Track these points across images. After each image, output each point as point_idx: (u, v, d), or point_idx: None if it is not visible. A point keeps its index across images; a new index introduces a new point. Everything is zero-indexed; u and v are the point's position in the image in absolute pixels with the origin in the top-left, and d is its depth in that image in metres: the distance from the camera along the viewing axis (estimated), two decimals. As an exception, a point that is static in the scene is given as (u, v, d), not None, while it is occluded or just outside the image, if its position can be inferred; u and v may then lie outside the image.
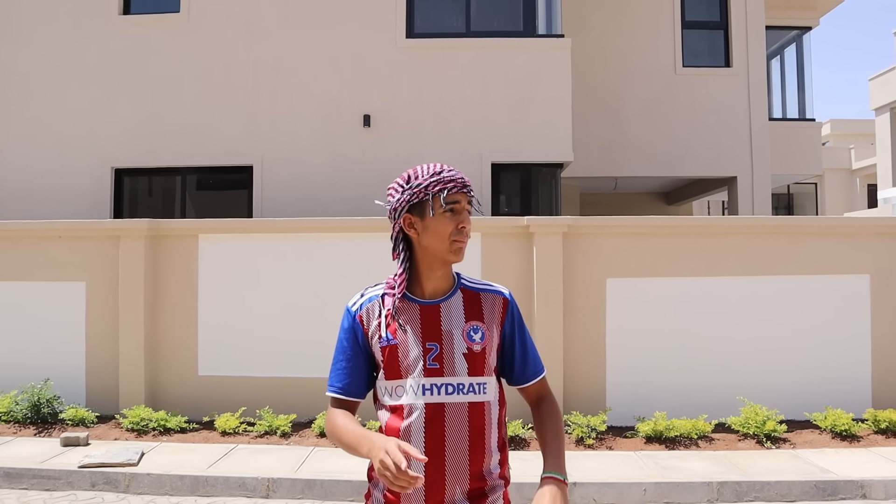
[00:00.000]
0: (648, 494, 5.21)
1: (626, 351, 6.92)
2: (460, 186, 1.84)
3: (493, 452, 1.86)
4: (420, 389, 1.81)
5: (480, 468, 1.83)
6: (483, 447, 1.83)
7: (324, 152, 9.55)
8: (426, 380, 1.81)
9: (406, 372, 1.83)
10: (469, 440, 1.81)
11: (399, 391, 1.83)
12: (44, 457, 5.79)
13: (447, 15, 9.94)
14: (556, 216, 8.52)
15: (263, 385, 6.98)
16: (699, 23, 11.61)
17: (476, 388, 1.83)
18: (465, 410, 1.81)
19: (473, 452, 1.81)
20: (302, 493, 5.29)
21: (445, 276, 1.90)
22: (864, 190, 27.27)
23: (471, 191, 1.88)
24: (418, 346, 1.83)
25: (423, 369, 1.82)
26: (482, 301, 1.92)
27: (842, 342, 7.00)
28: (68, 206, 9.48)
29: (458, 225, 1.83)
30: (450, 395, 1.81)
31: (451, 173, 1.84)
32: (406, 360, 1.83)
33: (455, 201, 1.83)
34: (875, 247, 7.09)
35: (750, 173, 11.36)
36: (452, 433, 1.80)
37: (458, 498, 1.80)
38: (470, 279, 1.98)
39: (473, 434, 1.82)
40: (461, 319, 1.87)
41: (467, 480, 1.80)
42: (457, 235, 1.83)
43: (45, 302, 7.24)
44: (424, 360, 1.82)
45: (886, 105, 17.70)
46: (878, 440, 6.23)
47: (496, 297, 1.94)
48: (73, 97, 9.75)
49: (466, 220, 1.85)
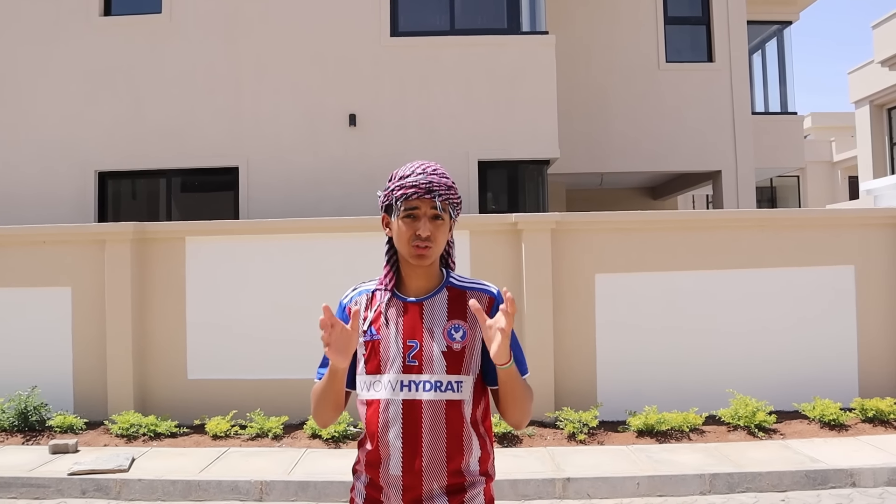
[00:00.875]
0: (642, 488, 5.24)
1: (617, 346, 6.95)
2: (421, 193, 1.83)
3: (472, 450, 1.87)
4: (398, 385, 1.83)
5: (459, 465, 1.84)
6: (461, 445, 1.84)
7: (309, 152, 9.51)
8: (404, 376, 1.83)
9: (385, 367, 1.85)
10: (446, 437, 1.82)
11: (377, 386, 1.85)
12: (32, 465, 5.72)
13: (431, 13, 9.92)
14: (544, 213, 8.53)
15: (254, 387, 6.94)
16: (681, 18, 11.67)
17: (454, 386, 1.84)
18: (443, 408, 1.82)
19: (451, 449, 1.82)
20: (295, 495, 5.27)
21: (428, 275, 1.92)
22: (846, 182, 27.54)
23: (439, 196, 1.84)
24: (399, 343, 1.85)
25: (401, 366, 1.84)
26: (467, 300, 1.91)
27: (828, 332, 7.07)
28: (51, 211, 9.38)
29: (415, 231, 1.83)
30: (427, 393, 1.82)
31: (416, 178, 1.84)
32: (386, 356, 1.85)
33: (414, 207, 1.84)
34: (859, 238, 7.16)
35: (734, 167, 11.44)
36: (429, 430, 1.81)
37: (437, 492, 1.81)
38: (460, 278, 1.97)
39: (451, 431, 1.83)
40: (443, 318, 1.88)
41: (445, 476, 1.82)
42: (415, 241, 1.84)
43: (31, 308, 7.16)
44: (404, 356, 1.84)
45: (866, 98, 17.87)
46: (866, 428, 6.30)
47: (482, 295, 1.93)
48: (55, 100, 9.64)
49: (423, 228, 1.83)
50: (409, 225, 1.84)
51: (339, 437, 6.22)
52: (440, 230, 1.86)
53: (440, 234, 1.87)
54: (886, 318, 7.14)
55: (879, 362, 7.10)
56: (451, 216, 1.90)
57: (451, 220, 1.92)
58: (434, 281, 1.93)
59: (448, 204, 1.87)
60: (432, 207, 1.84)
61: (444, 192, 1.86)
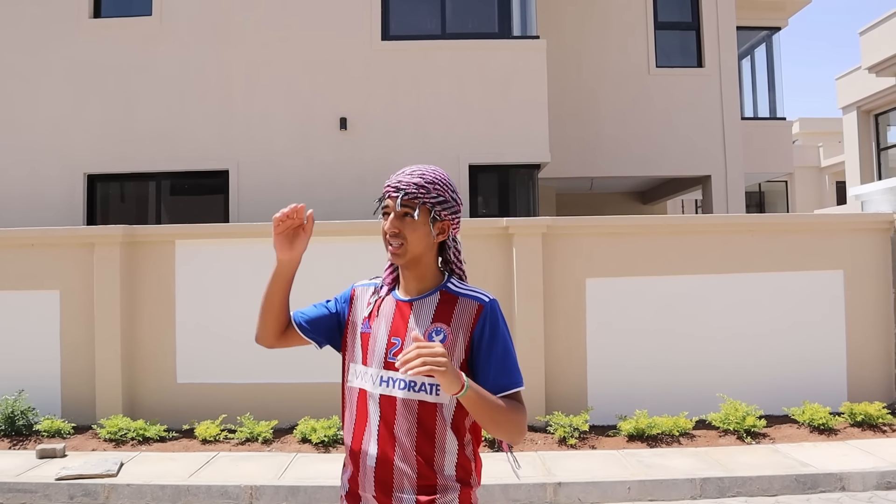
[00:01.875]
0: (633, 492, 5.25)
1: (607, 350, 6.96)
2: (391, 191, 1.91)
3: (447, 453, 1.88)
4: (378, 380, 1.91)
5: (431, 465, 1.86)
6: (433, 446, 1.87)
7: (300, 156, 9.48)
8: (384, 372, 1.90)
9: (370, 360, 1.94)
10: (417, 436, 1.86)
11: (365, 377, 1.94)
12: (19, 470, 5.66)
13: (423, 17, 9.93)
14: (535, 217, 8.55)
15: (243, 392, 6.90)
16: (671, 23, 11.73)
17: (428, 388, 1.86)
18: (415, 408, 1.86)
19: (422, 449, 1.86)
20: (285, 500, 5.24)
21: (421, 277, 1.96)
22: (833, 187, 27.75)
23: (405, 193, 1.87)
24: (385, 339, 1.93)
25: (383, 361, 1.91)
26: (456, 305, 1.92)
27: (818, 337, 7.11)
28: (40, 213, 9.30)
29: (384, 227, 1.93)
30: (402, 391, 1.87)
31: (393, 178, 1.92)
32: (372, 350, 1.94)
33: (386, 205, 1.93)
34: (848, 243, 7.21)
35: (724, 172, 11.50)
36: (402, 426, 1.87)
37: (406, 489, 1.85)
38: (458, 284, 1.98)
39: (422, 432, 1.86)
40: (428, 320, 1.91)
41: (415, 474, 1.85)
42: (385, 237, 1.92)
43: (18, 311, 7.09)
44: (386, 353, 1.91)
45: (853, 104, 18.02)
46: (855, 433, 6.33)
47: (472, 302, 1.92)
48: (44, 102, 9.58)
49: (389, 224, 1.91)
50: (384, 222, 1.93)
51: (328, 442, 6.19)
52: (409, 228, 1.89)
53: (409, 232, 1.90)
54: (875, 323, 7.18)
55: (868, 367, 7.14)
56: (432, 215, 1.90)
57: (434, 220, 1.91)
58: (428, 283, 1.97)
59: (415, 201, 1.88)
60: (402, 205, 1.90)
61: (413, 190, 1.88)
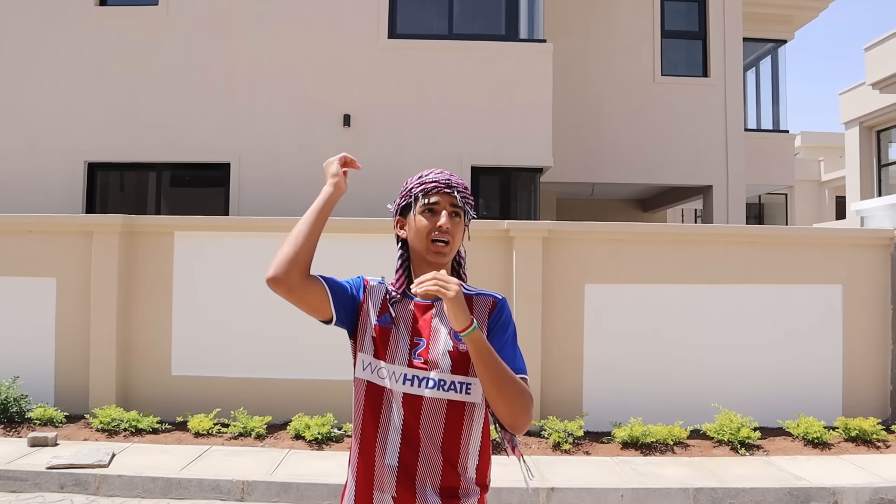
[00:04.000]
0: (626, 500, 5.23)
1: (604, 356, 6.94)
2: (442, 187, 1.90)
3: (469, 454, 1.86)
4: (402, 378, 1.86)
5: (455, 467, 1.84)
6: (458, 446, 1.84)
7: (302, 151, 9.45)
8: (409, 370, 1.85)
9: (391, 357, 1.88)
10: (444, 436, 1.83)
11: (382, 373, 1.88)
12: (10, 457, 5.63)
13: (430, 17, 9.91)
14: (536, 221, 8.52)
15: (238, 386, 6.87)
16: (678, 32, 11.73)
17: (458, 386, 1.85)
18: (444, 407, 1.83)
19: (448, 450, 1.83)
20: (277, 496, 5.21)
21: None
22: (833, 202, 27.78)
23: (457, 192, 1.91)
24: (407, 338, 1.89)
25: (407, 360, 1.87)
26: (474, 304, 1.94)
27: (814, 351, 7.10)
28: (39, 200, 9.27)
29: (435, 224, 1.87)
30: (430, 390, 1.84)
31: (437, 176, 1.92)
32: (394, 348, 1.88)
33: (434, 202, 1.89)
34: (848, 258, 7.21)
35: (725, 182, 11.50)
36: (428, 426, 1.82)
37: (429, 491, 1.81)
38: (468, 287, 2.00)
39: (449, 431, 1.83)
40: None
41: (439, 476, 1.82)
42: (435, 234, 1.87)
43: (14, 298, 7.06)
44: (410, 352, 1.87)
45: (856, 119, 18.03)
46: (849, 448, 6.32)
47: (487, 299, 1.96)
48: (47, 88, 9.54)
49: (446, 220, 1.88)
50: (429, 218, 1.89)
51: (322, 439, 6.17)
52: (457, 228, 1.91)
53: (457, 232, 1.91)
54: (872, 339, 7.18)
55: (864, 382, 7.13)
56: (467, 217, 1.95)
57: (466, 223, 1.96)
58: None
59: (465, 202, 1.93)
60: (451, 204, 1.90)
61: (462, 190, 1.94)
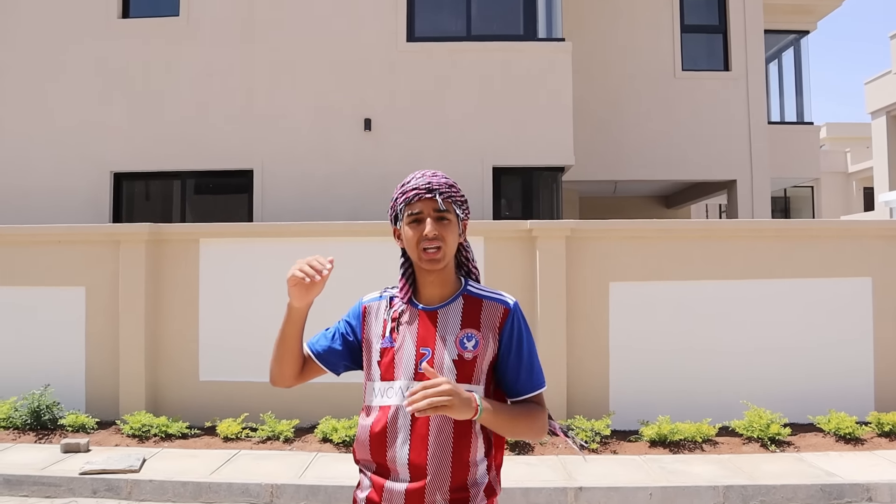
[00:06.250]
0: (654, 499, 5.19)
1: (630, 355, 6.90)
2: (422, 193, 1.84)
3: (479, 462, 1.85)
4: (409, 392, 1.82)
5: (464, 475, 1.82)
6: (467, 455, 1.82)
7: (323, 156, 9.52)
8: (415, 383, 1.80)
9: (398, 374, 1.85)
10: (453, 447, 1.81)
11: (390, 392, 1.85)
12: (44, 463, 5.74)
13: (447, 19, 9.93)
14: (559, 220, 8.50)
15: (265, 390, 6.92)
16: (698, 26, 11.63)
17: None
18: (451, 417, 1.78)
19: (456, 459, 1.81)
20: (306, 499, 5.25)
21: (442, 283, 1.91)
22: (860, 193, 27.33)
23: (439, 194, 1.84)
24: (413, 350, 1.85)
25: (413, 372, 1.83)
26: (482, 309, 1.90)
27: (844, 345, 6.99)
28: (66, 210, 9.43)
29: (422, 233, 1.83)
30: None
31: (417, 181, 1.86)
32: (400, 363, 1.85)
33: (418, 211, 1.85)
34: (877, 250, 7.09)
35: (749, 177, 11.37)
36: (436, 438, 1.80)
37: (438, 501, 1.79)
38: (477, 286, 1.96)
39: (458, 441, 1.81)
40: (457, 326, 1.87)
41: (448, 488, 1.80)
42: (423, 243, 1.83)
43: (45, 307, 7.19)
44: (416, 364, 1.84)
45: (882, 108, 17.74)
46: (882, 443, 6.22)
47: (498, 305, 1.91)
48: (72, 100, 9.71)
49: (429, 227, 1.83)
50: (415, 229, 1.86)
51: (349, 442, 6.20)
52: (447, 230, 1.86)
53: (448, 235, 1.86)
54: (904, 332, 7.05)
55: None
56: (459, 216, 1.90)
57: (460, 221, 1.91)
58: (450, 288, 1.92)
59: (451, 202, 1.87)
60: (435, 209, 1.85)
61: (446, 189, 1.87)
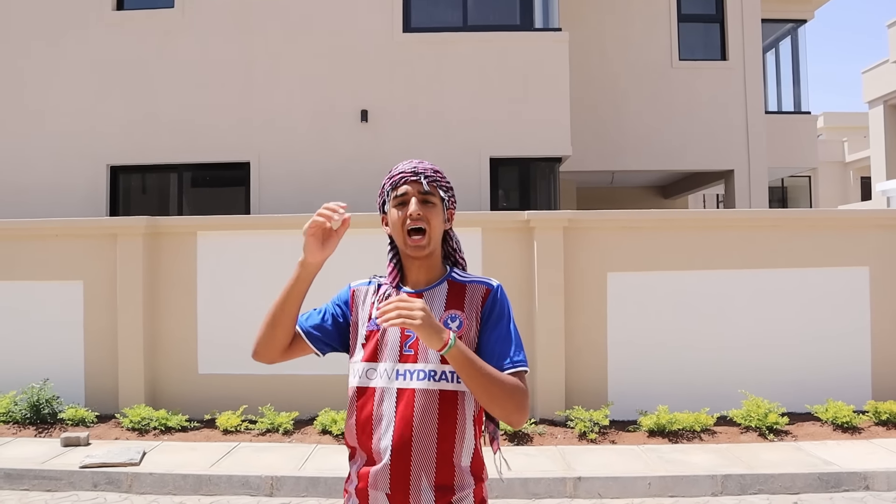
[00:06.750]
0: (653, 488, 5.21)
1: (628, 344, 6.91)
2: (408, 176, 1.89)
3: (466, 446, 1.85)
4: (394, 374, 1.85)
5: (450, 459, 1.83)
6: (453, 437, 1.83)
7: (320, 147, 9.50)
8: (400, 365, 1.84)
9: (382, 356, 1.88)
10: (438, 428, 1.81)
11: (372, 374, 1.87)
12: (44, 457, 5.75)
13: (444, 9, 9.90)
14: (557, 210, 8.51)
15: (264, 382, 6.94)
16: (695, 16, 11.60)
17: (448, 376, 1.82)
18: (436, 398, 1.81)
19: (442, 441, 1.81)
20: (306, 491, 5.27)
21: (427, 268, 1.95)
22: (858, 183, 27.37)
23: (424, 177, 1.89)
24: (397, 332, 1.87)
25: (398, 354, 1.86)
26: (466, 291, 1.94)
27: (841, 334, 7.01)
28: (63, 204, 9.41)
29: (407, 212, 1.87)
30: (421, 382, 1.82)
31: (403, 167, 1.92)
32: (385, 345, 1.88)
33: (403, 193, 1.89)
34: (874, 239, 7.10)
35: (746, 166, 11.37)
36: (421, 419, 1.80)
37: (424, 487, 1.80)
38: (462, 273, 2.00)
39: (443, 423, 1.82)
40: (441, 308, 1.90)
41: (433, 470, 1.81)
42: (409, 223, 1.87)
43: (43, 301, 7.18)
44: (401, 345, 1.86)
45: (880, 98, 17.73)
46: (880, 432, 6.25)
47: (480, 287, 1.94)
48: (67, 94, 9.67)
49: (415, 207, 1.87)
50: (401, 210, 1.90)
51: (349, 434, 6.21)
52: (432, 213, 1.90)
53: (433, 218, 1.90)
54: (901, 320, 7.07)
55: (893, 365, 7.03)
56: (444, 201, 1.94)
57: (445, 207, 1.95)
58: (435, 274, 1.97)
59: (436, 186, 1.91)
60: (420, 192, 1.89)
61: (431, 174, 1.92)
